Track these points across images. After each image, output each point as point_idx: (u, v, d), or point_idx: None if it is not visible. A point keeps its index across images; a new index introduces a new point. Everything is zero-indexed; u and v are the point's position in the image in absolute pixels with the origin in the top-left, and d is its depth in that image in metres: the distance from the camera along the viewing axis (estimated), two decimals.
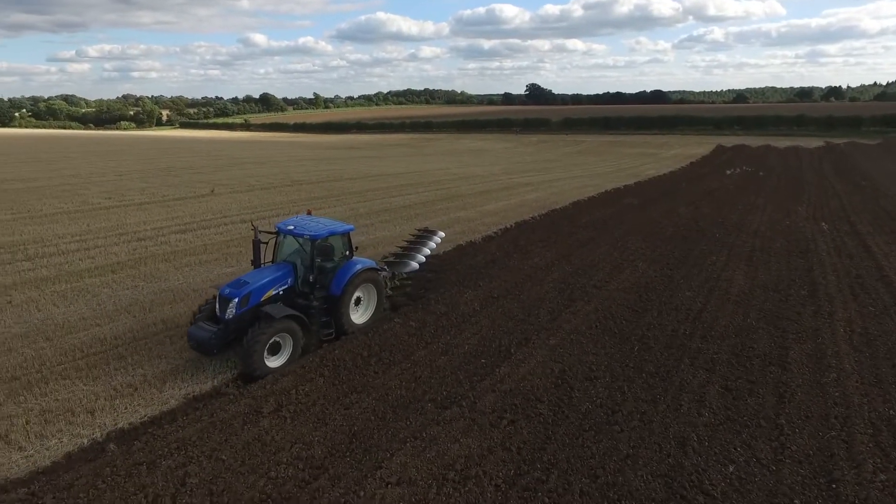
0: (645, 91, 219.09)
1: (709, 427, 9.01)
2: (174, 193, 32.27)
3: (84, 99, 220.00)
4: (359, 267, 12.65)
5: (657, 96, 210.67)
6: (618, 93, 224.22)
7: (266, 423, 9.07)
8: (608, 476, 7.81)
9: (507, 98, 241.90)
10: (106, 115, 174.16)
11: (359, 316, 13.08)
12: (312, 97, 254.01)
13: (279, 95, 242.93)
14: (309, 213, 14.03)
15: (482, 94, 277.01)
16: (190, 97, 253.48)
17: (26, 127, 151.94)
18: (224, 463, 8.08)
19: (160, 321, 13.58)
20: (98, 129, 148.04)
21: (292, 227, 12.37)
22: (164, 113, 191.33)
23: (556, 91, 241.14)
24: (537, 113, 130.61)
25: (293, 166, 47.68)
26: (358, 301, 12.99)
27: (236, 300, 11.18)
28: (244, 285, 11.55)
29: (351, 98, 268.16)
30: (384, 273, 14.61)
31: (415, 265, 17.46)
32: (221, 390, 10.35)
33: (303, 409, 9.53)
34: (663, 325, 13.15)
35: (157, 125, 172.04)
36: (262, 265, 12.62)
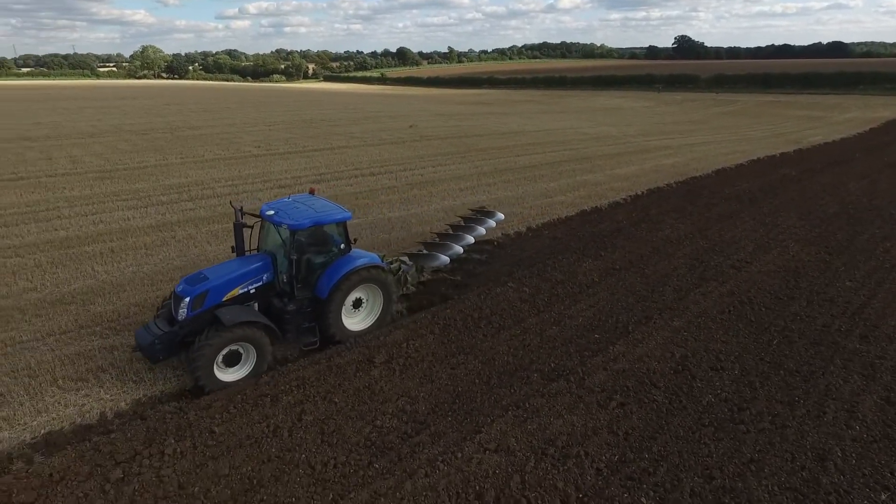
0: (820, 43, 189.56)
1: (859, 443, 7.81)
2: (313, 144, 34.43)
3: (244, 53, 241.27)
4: (354, 265, 10.41)
5: (835, 49, 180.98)
6: (784, 45, 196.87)
7: (376, 373, 9.50)
8: (725, 479, 7.12)
9: (652, 52, 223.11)
10: (261, 68, 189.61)
11: (357, 321, 11.01)
12: (447, 51, 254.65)
13: (415, 49, 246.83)
14: (312, 192, 11.61)
15: (623, 47, 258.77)
16: (333, 51, 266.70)
17: (197, 79, 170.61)
18: (336, 405, 8.63)
19: None
20: (254, 82, 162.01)
21: (273, 213, 10.23)
22: (310, 67, 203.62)
23: (708, 44, 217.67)
24: (685, 68, 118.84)
25: (423, 121, 48.47)
26: (359, 303, 11.00)
27: (188, 300, 9.39)
28: (202, 281, 9.74)
29: (484, 52, 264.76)
30: (404, 268, 13.19)
31: (445, 259, 14.32)
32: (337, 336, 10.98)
33: (411, 364, 9.82)
34: (812, 318, 11.54)
35: (303, 78, 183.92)
36: (248, 253, 10.81)
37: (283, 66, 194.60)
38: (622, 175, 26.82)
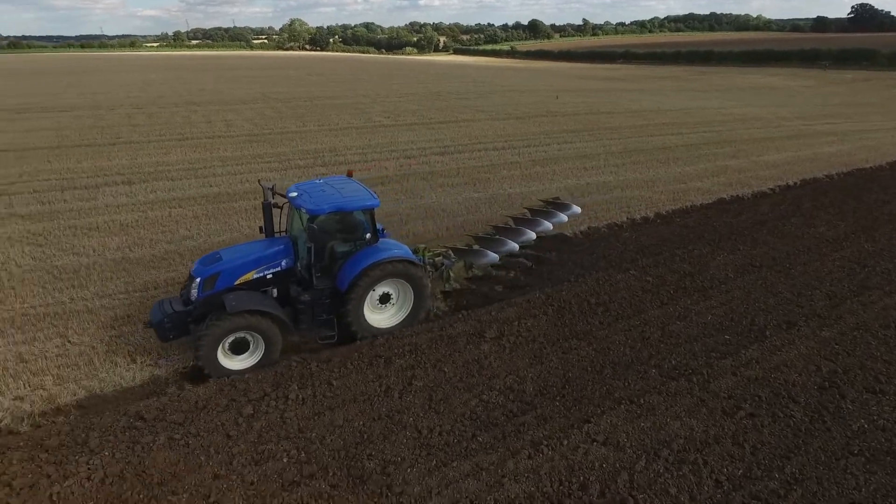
0: None
1: None
2: (439, 117, 34.90)
3: (380, 26, 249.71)
4: (380, 257, 9.67)
5: None
6: None
7: (486, 348, 9.51)
8: None
9: (820, 23, 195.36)
10: (395, 41, 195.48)
11: (385, 317, 10.25)
12: (581, 23, 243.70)
13: (548, 22, 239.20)
14: (349, 174, 10.97)
15: (784, 18, 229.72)
16: (465, 24, 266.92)
17: (337, 51, 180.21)
18: (445, 375, 8.78)
19: (412, 234, 15.11)
20: (387, 54, 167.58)
21: (296, 194, 9.69)
22: (441, 39, 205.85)
23: None
24: (860, 42, 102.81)
25: (550, 97, 47.08)
26: (386, 298, 10.22)
27: (199, 280, 9.19)
28: (215, 262, 9.48)
29: (622, 24, 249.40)
30: (447, 263, 12.06)
31: (494, 257, 12.70)
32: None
33: (522, 343, 9.70)
34: None
35: (434, 51, 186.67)
36: (278, 235, 10.40)
37: (415, 39, 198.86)
38: (770, 162, 24.07)
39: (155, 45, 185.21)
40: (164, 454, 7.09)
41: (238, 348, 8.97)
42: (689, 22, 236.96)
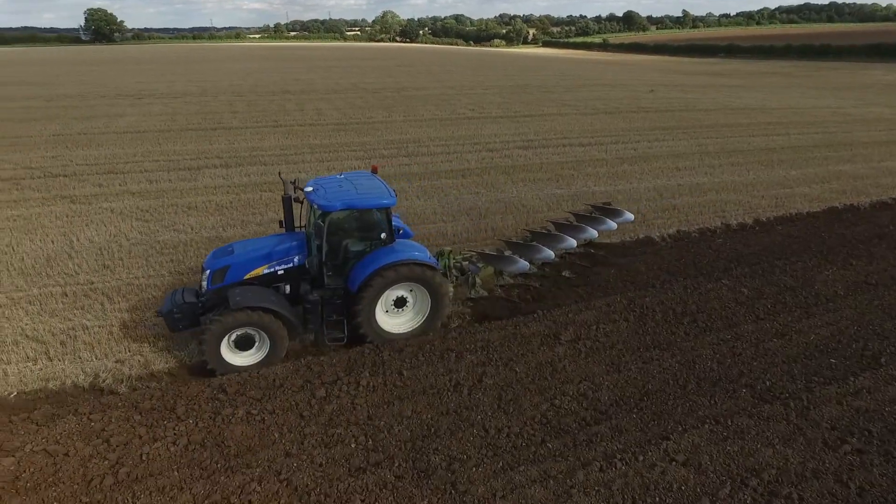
0: None
1: None
2: (524, 110, 34.33)
3: (469, 18, 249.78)
4: (394, 259, 9.16)
5: None
6: None
7: (561, 351, 9.17)
8: None
9: None
10: (483, 32, 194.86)
11: (400, 322, 9.73)
12: (680, 15, 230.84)
13: (644, 13, 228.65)
14: (374, 170, 10.56)
15: None
16: (556, 16, 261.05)
17: (426, 43, 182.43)
18: (516, 375, 8.56)
19: (490, 228, 14.94)
20: (475, 46, 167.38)
21: (311, 189, 9.27)
22: (531, 32, 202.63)
23: None
24: None
25: (643, 91, 44.98)
26: (402, 302, 9.66)
27: (208, 272, 9.13)
28: (227, 255, 9.37)
29: (726, 16, 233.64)
30: (472, 269, 11.30)
31: (524, 265, 11.38)
32: (523, 309, 10.84)
33: (599, 349, 9.28)
34: None
35: (522, 43, 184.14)
36: (297, 230, 10.11)
37: (503, 31, 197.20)
38: (894, 169, 21.58)
39: (257, 36, 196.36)
40: (242, 428, 7.42)
41: (243, 344, 8.76)
42: (804, 13, 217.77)
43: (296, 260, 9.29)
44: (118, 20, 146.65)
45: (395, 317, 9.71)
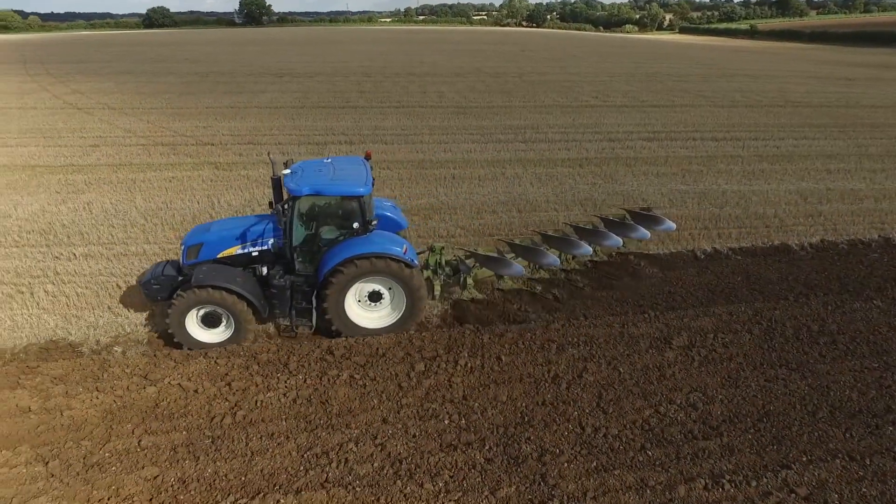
0: None
1: None
2: (652, 100, 32.32)
3: (601, 3, 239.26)
4: (361, 250, 8.72)
5: None
6: None
7: (671, 356, 8.60)
8: None
9: None
10: (615, 17, 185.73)
11: (376, 317, 9.35)
12: None
13: None
14: (367, 156, 9.99)
15: None
16: (697, 0, 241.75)
17: (553, 27, 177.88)
18: (619, 375, 8.17)
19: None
20: (604, 32, 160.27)
21: (289, 172, 8.94)
22: (667, 17, 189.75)
23: None
24: None
25: (794, 84, 40.39)
26: (377, 296, 9.27)
27: (184, 248, 9.32)
28: (203, 233, 9.45)
29: None
30: (463, 269, 10.50)
31: (518, 269, 10.25)
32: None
33: (715, 359, 8.57)
34: None
35: (657, 29, 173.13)
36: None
37: (637, 16, 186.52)
38: None
39: (388, 20, 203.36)
40: (345, 390, 7.82)
41: (210, 322, 8.89)
42: None
43: (270, 243, 9.24)
44: (267, 4, 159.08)
45: (371, 311, 9.41)
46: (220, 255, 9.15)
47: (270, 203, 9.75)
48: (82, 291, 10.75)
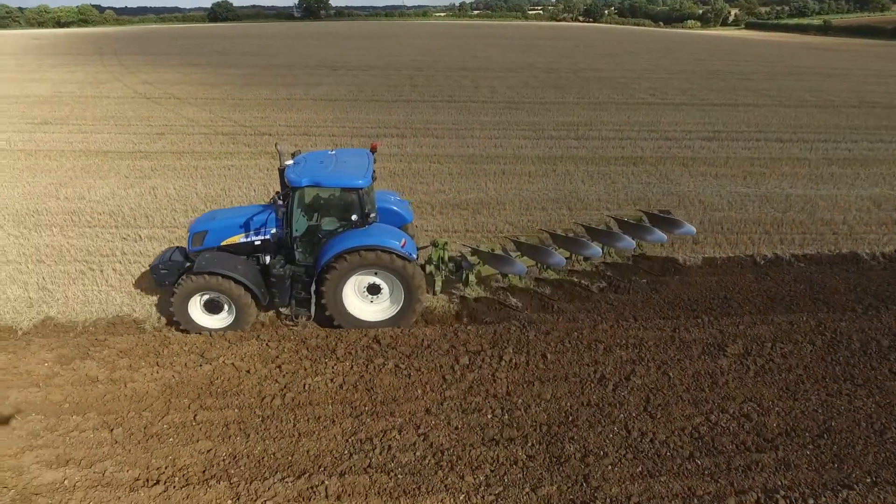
0: None
1: None
2: (713, 98, 31.09)
3: None
4: (357, 243, 8.75)
5: None
6: None
7: (725, 364, 8.29)
8: None
9: None
10: (676, 13, 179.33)
11: (375, 310, 9.37)
12: None
13: None
14: (373, 148, 9.99)
15: None
16: None
17: (610, 23, 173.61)
18: (669, 380, 7.94)
19: None
20: (664, 27, 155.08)
21: (292, 163, 9.10)
22: (732, 12, 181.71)
23: None
24: None
25: (870, 83, 37.97)
26: (376, 289, 9.27)
27: (190, 235, 9.48)
28: (208, 221, 9.63)
29: None
30: (465, 265, 10.20)
31: (521, 268, 9.79)
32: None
33: (773, 370, 8.20)
34: None
35: (721, 25, 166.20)
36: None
37: (700, 11, 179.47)
38: None
39: (443, 14, 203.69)
40: (390, 378, 7.93)
41: (213, 308, 9.14)
42: None
43: (271, 232, 9.37)
44: None
45: (369, 304, 9.44)
46: (223, 243, 9.37)
47: (277, 193, 9.79)
48: (146, 272, 11.34)
